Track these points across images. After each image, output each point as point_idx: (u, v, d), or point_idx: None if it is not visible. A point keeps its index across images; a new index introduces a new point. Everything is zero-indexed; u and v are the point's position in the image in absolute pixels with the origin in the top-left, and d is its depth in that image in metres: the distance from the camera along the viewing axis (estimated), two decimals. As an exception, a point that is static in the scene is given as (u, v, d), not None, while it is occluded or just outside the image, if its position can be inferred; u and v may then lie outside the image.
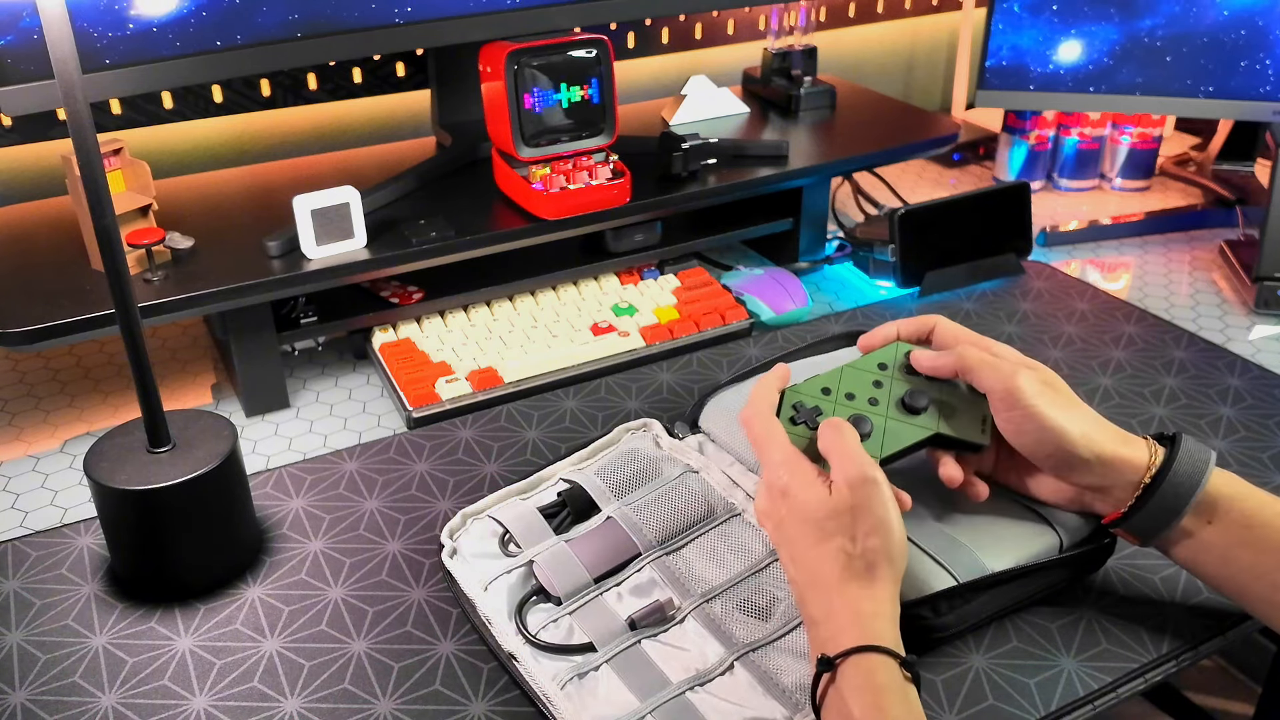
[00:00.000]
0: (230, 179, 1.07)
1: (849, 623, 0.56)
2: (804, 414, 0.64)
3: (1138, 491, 0.61)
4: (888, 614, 0.57)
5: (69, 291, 0.83)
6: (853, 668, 0.54)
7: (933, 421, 0.65)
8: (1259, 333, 1.02)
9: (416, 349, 0.95)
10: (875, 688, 0.53)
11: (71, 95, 0.59)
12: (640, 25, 1.35)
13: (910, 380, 0.67)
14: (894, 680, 0.54)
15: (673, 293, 1.04)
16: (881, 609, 0.57)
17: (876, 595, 0.57)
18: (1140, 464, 0.62)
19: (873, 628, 0.55)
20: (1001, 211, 1.10)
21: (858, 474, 0.59)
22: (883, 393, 0.66)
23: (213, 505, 0.69)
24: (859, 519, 0.58)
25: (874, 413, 0.65)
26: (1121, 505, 0.62)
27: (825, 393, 0.66)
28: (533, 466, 0.80)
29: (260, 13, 0.86)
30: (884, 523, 0.58)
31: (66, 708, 0.62)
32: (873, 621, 0.56)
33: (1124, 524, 0.63)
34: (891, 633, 0.56)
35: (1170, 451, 0.62)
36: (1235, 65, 1.17)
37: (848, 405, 0.65)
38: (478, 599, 0.67)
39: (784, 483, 0.60)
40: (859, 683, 0.54)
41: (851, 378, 0.67)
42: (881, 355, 0.68)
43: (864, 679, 0.54)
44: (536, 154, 0.95)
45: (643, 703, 0.60)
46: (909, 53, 1.63)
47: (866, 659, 0.54)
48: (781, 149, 1.09)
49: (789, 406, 0.65)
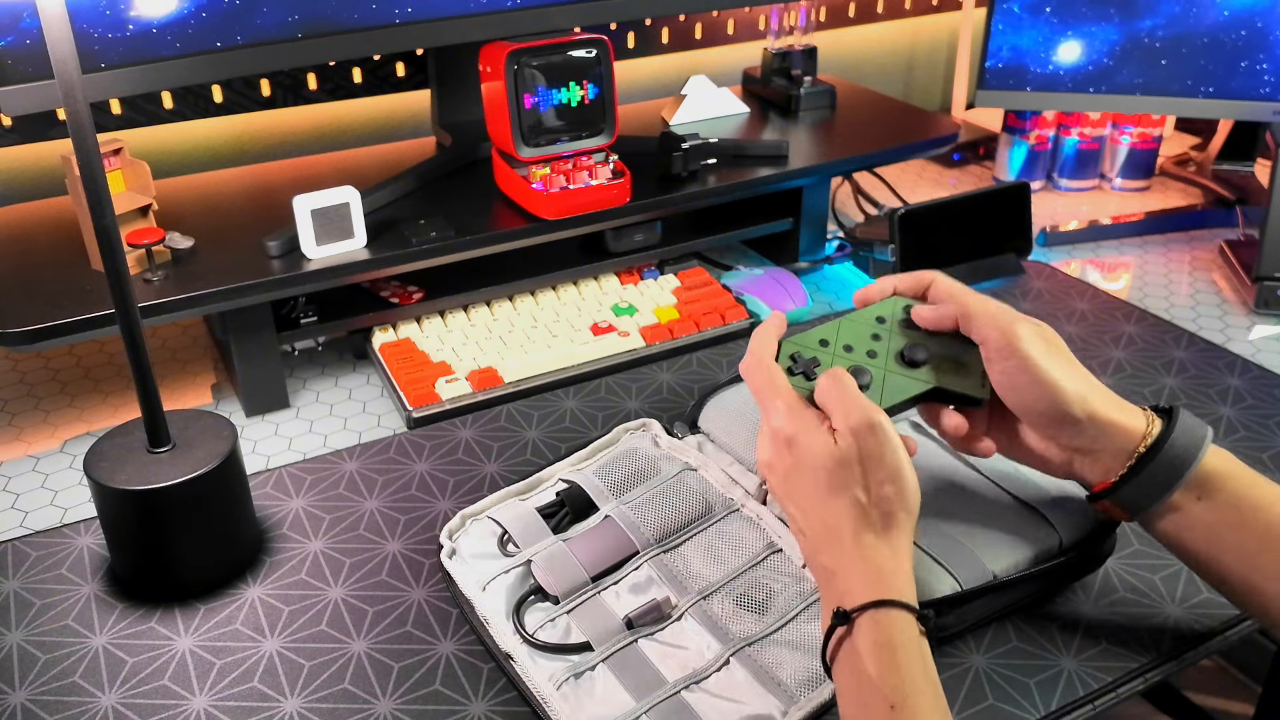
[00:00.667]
0: (230, 179, 1.07)
1: (867, 576, 0.55)
2: (802, 364, 0.63)
3: (1131, 460, 0.60)
4: (905, 567, 0.56)
5: (69, 291, 0.83)
6: (870, 622, 0.53)
7: (931, 375, 0.64)
8: (1259, 333, 1.02)
9: (416, 349, 0.95)
10: (892, 644, 0.52)
11: (71, 95, 0.59)
12: (640, 25, 1.35)
13: (908, 334, 0.65)
14: (910, 636, 0.53)
15: (673, 293, 1.04)
16: (900, 563, 0.56)
17: (896, 546, 0.56)
18: (1136, 431, 0.60)
19: (892, 583, 0.54)
20: (1001, 211, 1.10)
21: (862, 419, 0.57)
22: (881, 345, 0.65)
23: (213, 505, 0.69)
24: (870, 468, 0.56)
25: (872, 365, 0.64)
26: (1111, 474, 0.61)
27: (823, 344, 0.64)
28: (533, 466, 0.80)
29: (260, 14, 0.86)
30: (896, 470, 0.57)
31: (66, 708, 0.62)
32: (892, 577, 0.55)
33: (1113, 494, 0.61)
34: (908, 586, 0.55)
35: (1168, 423, 0.60)
36: (1235, 66, 1.17)
37: (845, 357, 0.64)
38: (476, 599, 0.67)
39: (789, 431, 0.59)
40: (876, 638, 0.53)
41: (849, 330, 0.65)
42: (879, 309, 0.67)
43: (882, 635, 0.53)
44: (536, 154, 0.95)
45: (638, 702, 0.60)
46: (909, 53, 1.63)
47: (885, 614, 0.53)
48: (781, 149, 1.09)
49: (786, 357, 0.63)
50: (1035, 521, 0.68)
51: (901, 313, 0.67)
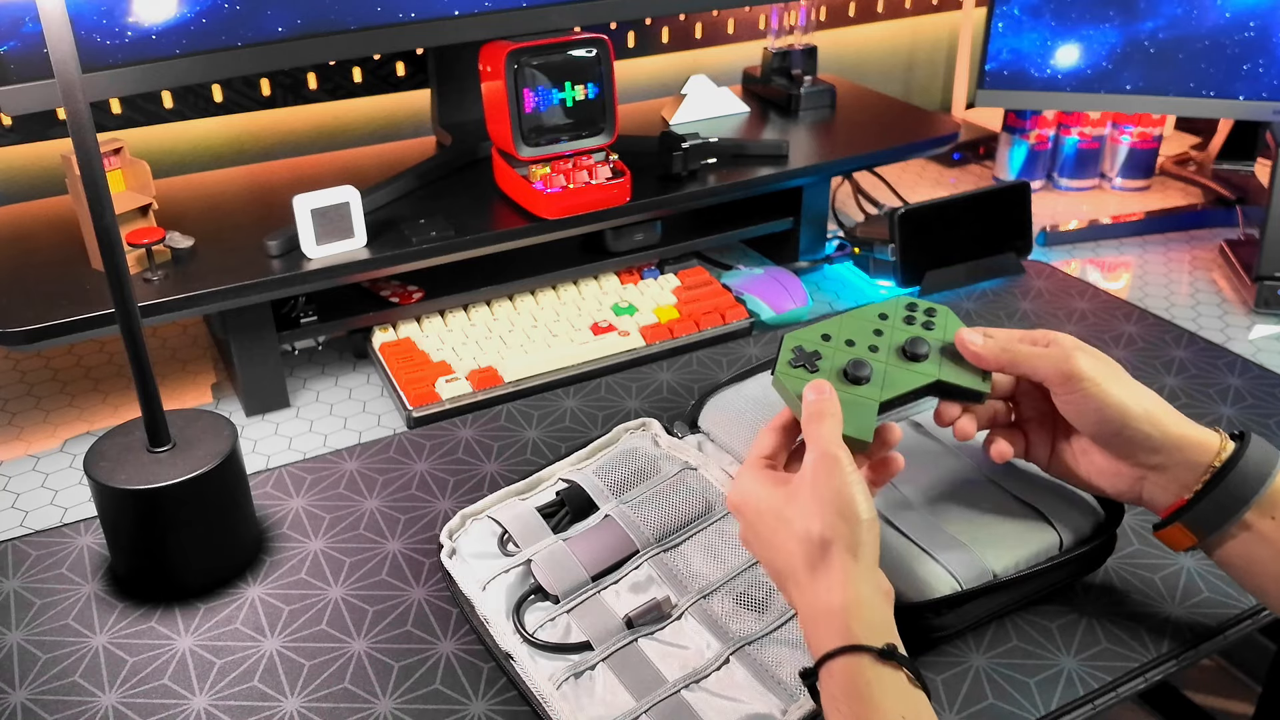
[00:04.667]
0: (230, 179, 1.07)
1: (822, 619, 0.54)
2: (803, 358, 0.63)
3: (1206, 476, 0.59)
4: (863, 598, 0.54)
5: (69, 291, 0.83)
6: (836, 671, 0.52)
7: (934, 368, 0.64)
8: (1259, 332, 1.02)
9: (416, 348, 0.95)
10: (860, 692, 0.51)
11: (71, 95, 0.59)
12: (640, 25, 1.35)
13: (910, 329, 0.66)
14: (879, 675, 0.52)
15: (673, 292, 1.04)
16: (854, 594, 0.54)
17: (849, 579, 0.54)
18: (1209, 446, 0.60)
19: (847, 623, 0.53)
20: (1001, 211, 1.10)
21: (817, 453, 0.57)
22: (883, 340, 0.65)
23: (213, 505, 0.69)
24: (816, 498, 0.56)
25: (874, 359, 0.64)
26: (1186, 490, 0.60)
27: (825, 339, 0.65)
28: (533, 466, 0.80)
29: (264, 17, 0.86)
30: (840, 497, 0.55)
31: (66, 707, 0.62)
32: (847, 615, 0.53)
33: (1188, 511, 0.60)
34: (869, 618, 0.53)
35: (1241, 443, 0.60)
36: (1236, 67, 1.17)
37: (848, 351, 0.64)
38: (476, 598, 0.67)
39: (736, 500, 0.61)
40: (845, 686, 0.52)
41: (852, 325, 0.66)
42: (882, 306, 0.67)
43: (850, 682, 0.52)
44: (536, 153, 0.95)
45: (638, 701, 0.60)
46: (909, 52, 1.63)
47: (846, 662, 0.52)
48: (781, 148, 1.09)
49: (789, 350, 0.64)
50: (1035, 521, 0.68)
51: (904, 310, 0.67)
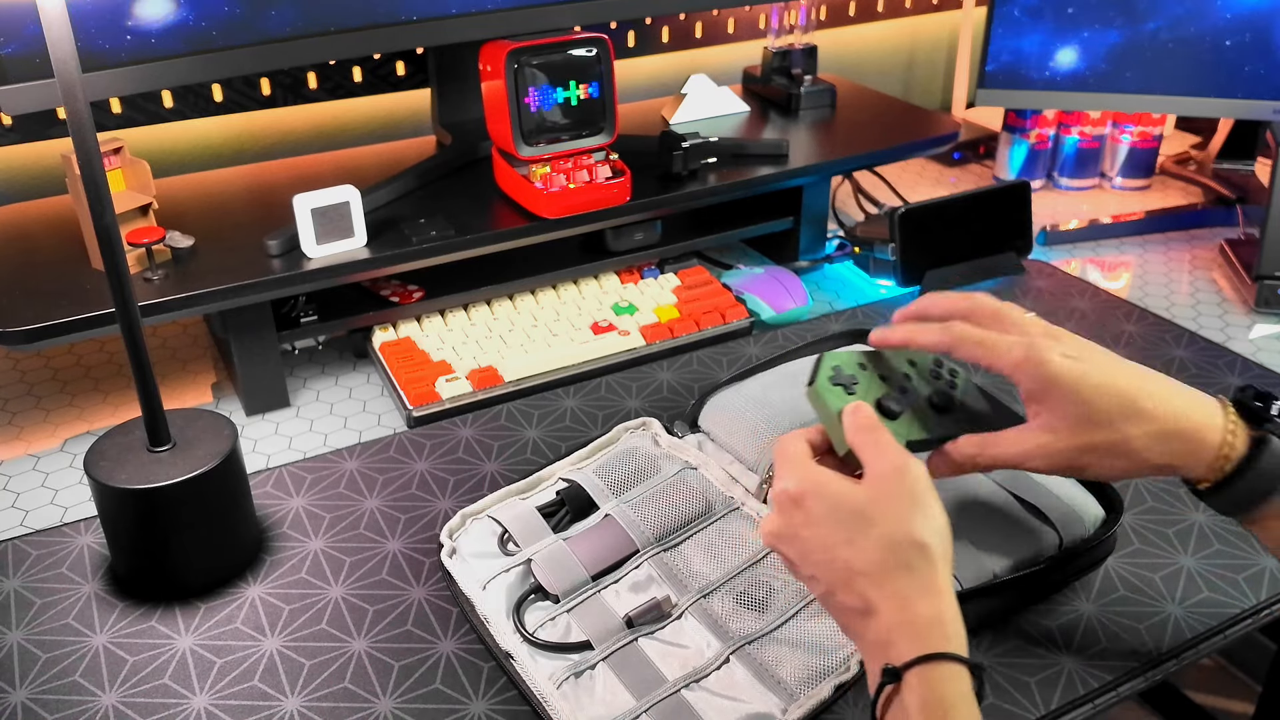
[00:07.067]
0: (230, 178, 1.07)
1: (911, 624, 0.51)
2: (841, 378, 0.63)
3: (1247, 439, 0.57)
4: (956, 610, 0.52)
5: (69, 291, 0.83)
6: (919, 680, 0.50)
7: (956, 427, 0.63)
8: (1259, 331, 1.02)
9: (416, 348, 0.95)
10: (944, 703, 0.49)
11: (71, 95, 0.59)
12: (640, 24, 1.35)
13: (937, 383, 0.65)
14: (962, 692, 0.49)
15: (673, 291, 1.04)
16: (950, 603, 0.52)
17: (947, 587, 0.52)
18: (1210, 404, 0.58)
19: (936, 631, 0.51)
20: (1002, 210, 1.10)
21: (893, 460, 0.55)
22: (912, 385, 0.65)
23: (213, 504, 0.69)
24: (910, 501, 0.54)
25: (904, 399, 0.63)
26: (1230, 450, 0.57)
27: (861, 367, 0.65)
28: (533, 465, 0.80)
29: (264, 17, 0.86)
30: (932, 505, 0.54)
31: (67, 706, 0.62)
32: (944, 624, 0.51)
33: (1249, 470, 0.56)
34: (956, 630, 0.51)
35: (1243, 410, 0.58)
36: (1236, 67, 1.17)
37: (880, 385, 0.64)
38: (476, 598, 0.67)
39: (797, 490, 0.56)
40: (926, 696, 0.49)
41: (885, 363, 0.66)
42: (911, 354, 0.67)
43: (932, 692, 0.49)
44: (536, 153, 0.95)
45: (638, 701, 0.60)
46: (909, 51, 1.63)
47: (934, 669, 0.50)
48: (781, 148, 1.09)
49: (828, 368, 0.63)
50: (1035, 521, 0.68)
51: (931, 363, 0.67)
